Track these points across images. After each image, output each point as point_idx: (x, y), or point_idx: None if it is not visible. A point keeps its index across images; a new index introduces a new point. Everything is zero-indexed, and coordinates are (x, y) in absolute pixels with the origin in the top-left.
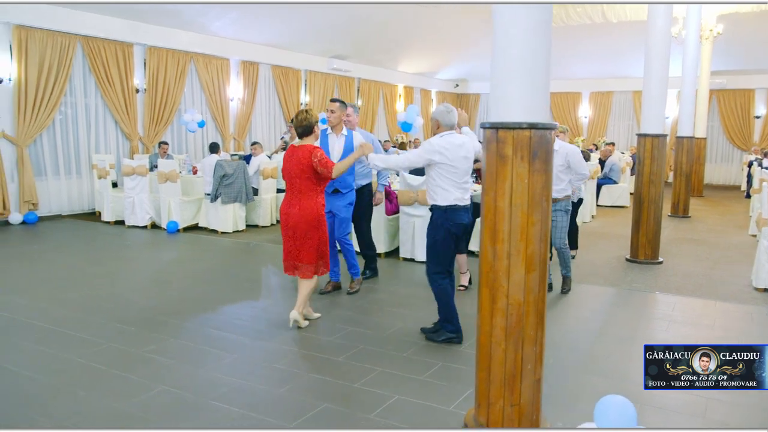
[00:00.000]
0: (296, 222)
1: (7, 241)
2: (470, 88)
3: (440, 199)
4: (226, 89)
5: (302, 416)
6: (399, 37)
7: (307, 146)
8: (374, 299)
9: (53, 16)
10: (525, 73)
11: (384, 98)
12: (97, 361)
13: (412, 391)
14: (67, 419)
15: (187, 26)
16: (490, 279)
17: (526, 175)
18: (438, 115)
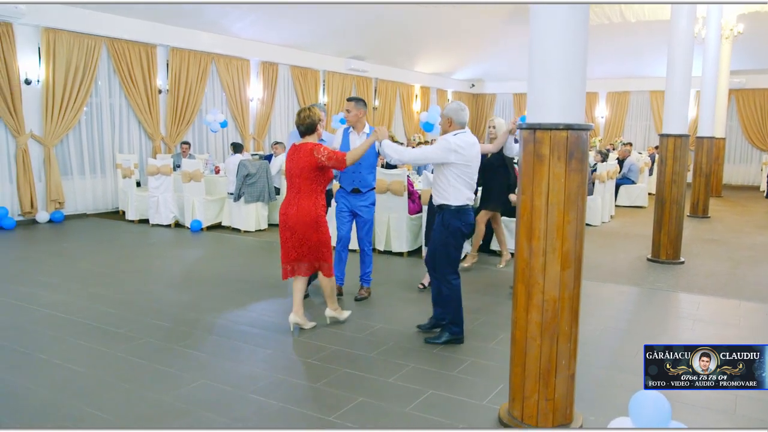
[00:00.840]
0: (294, 223)
1: (36, 239)
2: (486, 88)
3: (453, 199)
4: (246, 90)
5: (340, 409)
6: (416, 38)
7: (308, 144)
8: (400, 297)
9: (80, 19)
10: (562, 75)
11: (401, 98)
12: (136, 355)
13: (444, 386)
14: (114, 410)
15: (208, 27)
16: (526, 275)
17: (562, 174)
18: (451, 113)
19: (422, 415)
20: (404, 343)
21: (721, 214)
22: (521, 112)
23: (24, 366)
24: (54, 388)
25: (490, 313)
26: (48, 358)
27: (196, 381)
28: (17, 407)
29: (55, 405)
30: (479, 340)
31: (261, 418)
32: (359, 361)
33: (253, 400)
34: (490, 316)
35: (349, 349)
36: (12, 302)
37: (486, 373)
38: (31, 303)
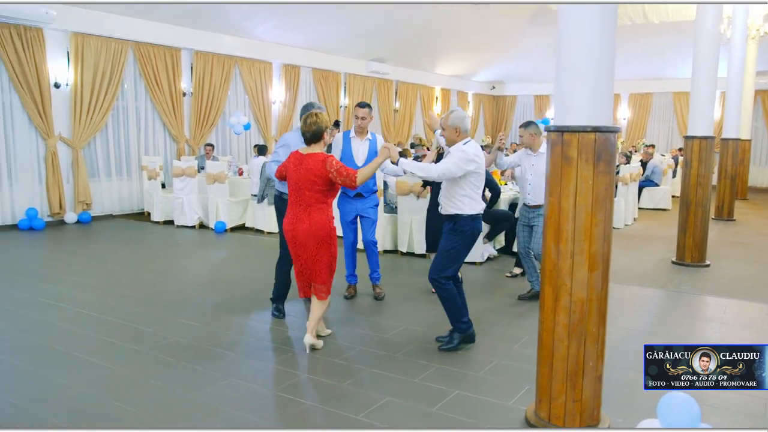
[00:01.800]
0: (305, 240)
1: (64, 240)
2: (507, 90)
3: (468, 209)
4: (268, 92)
5: (368, 408)
6: (437, 40)
7: (318, 155)
8: (424, 298)
9: (108, 23)
10: (590, 76)
11: (421, 100)
12: (165, 354)
13: (470, 386)
14: (145, 407)
15: (232, 31)
16: (554, 277)
17: (590, 176)
18: (458, 122)
19: (448, 415)
20: (428, 344)
21: (747, 217)
22: (542, 114)
23: (57, 363)
24: (87, 384)
25: (515, 314)
26: (80, 355)
27: (225, 380)
28: (53, 403)
29: (88, 401)
30: (504, 341)
31: (289, 417)
32: (385, 361)
33: (280, 399)
34: (514, 318)
35: (375, 350)
36: (44, 301)
37: (511, 374)
38: (61, 302)
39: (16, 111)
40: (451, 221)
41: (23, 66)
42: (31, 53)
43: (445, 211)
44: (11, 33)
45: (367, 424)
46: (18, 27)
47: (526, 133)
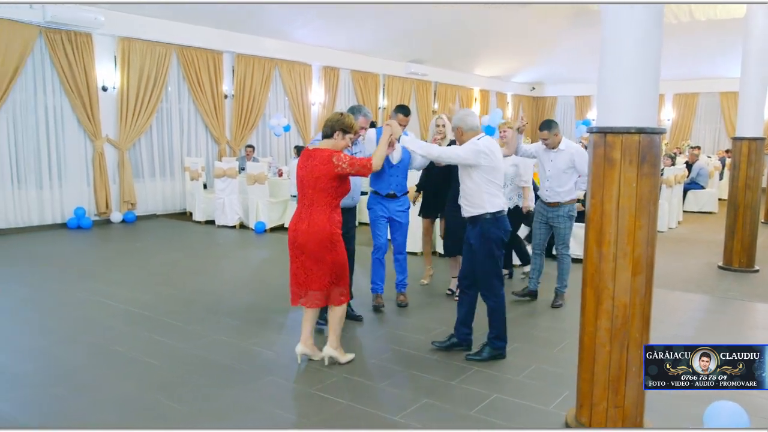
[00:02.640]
0: (304, 241)
1: (110, 239)
2: (547, 91)
3: (489, 206)
4: (308, 94)
5: (405, 410)
6: (476, 41)
7: (325, 150)
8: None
9: (153, 28)
10: (635, 77)
11: (460, 102)
12: (207, 351)
13: (509, 390)
14: (189, 403)
15: (273, 34)
16: (596, 280)
17: (634, 179)
18: (459, 122)
19: (487, 419)
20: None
21: None
22: (583, 115)
23: (104, 359)
24: (130, 379)
25: (554, 318)
26: (125, 351)
27: (264, 378)
28: (98, 397)
29: (133, 397)
30: (543, 345)
31: (326, 416)
32: (422, 362)
33: (318, 398)
34: (554, 321)
35: (412, 351)
36: (91, 298)
37: (551, 378)
38: (107, 299)
39: (66, 114)
40: (476, 224)
41: (73, 70)
42: (80, 58)
43: (467, 213)
44: (62, 39)
45: (404, 425)
46: (69, 33)
47: (551, 134)
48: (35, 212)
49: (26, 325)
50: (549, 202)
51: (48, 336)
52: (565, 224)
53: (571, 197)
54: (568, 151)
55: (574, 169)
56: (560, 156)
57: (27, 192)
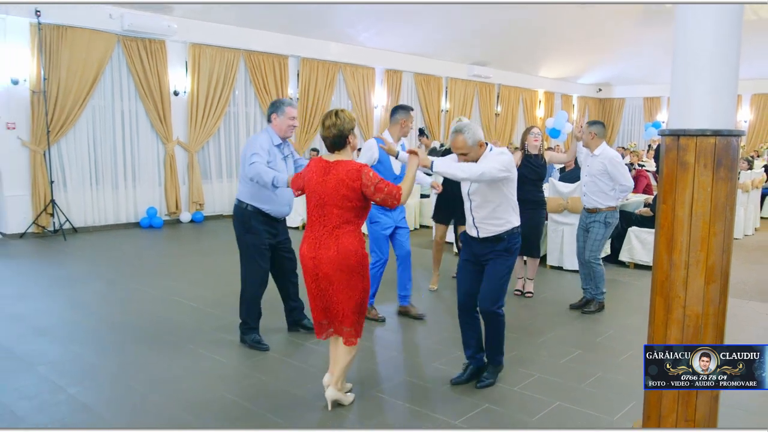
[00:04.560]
0: (332, 271)
1: (180, 238)
2: (614, 92)
3: (515, 220)
4: (371, 97)
5: (466, 414)
6: (541, 42)
7: (351, 163)
8: (526, 304)
9: (222, 34)
10: (711, 77)
11: (524, 104)
12: (271, 349)
13: (572, 398)
14: (253, 399)
15: (337, 38)
16: (666, 288)
17: (709, 183)
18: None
19: (549, 427)
20: (529, 353)
21: None
22: (652, 117)
23: (175, 354)
24: (199, 374)
25: (621, 326)
26: (195, 348)
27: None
28: (172, 392)
29: (200, 391)
30: (609, 354)
31: (387, 418)
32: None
33: (378, 399)
34: (620, 330)
35: None
36: (162, 295)
37: (616, 388)
38: (177, 296)
39: (140, 118)
40: (501, 240)
41: (147, 76)
42: (154, 64)
43: (491, 232)
44: (138, 46)
45: (465, 429)
46: (144, 40)
47: (586, 129)
48: (111, 212)
49: (101, 319)
50: (588, 207)
51: (122, 331)
52: (599, 230)
53: (608, 204)
54: (602, 156)
55: (608, 175)
56: (595, 161)
57: (104, 192)
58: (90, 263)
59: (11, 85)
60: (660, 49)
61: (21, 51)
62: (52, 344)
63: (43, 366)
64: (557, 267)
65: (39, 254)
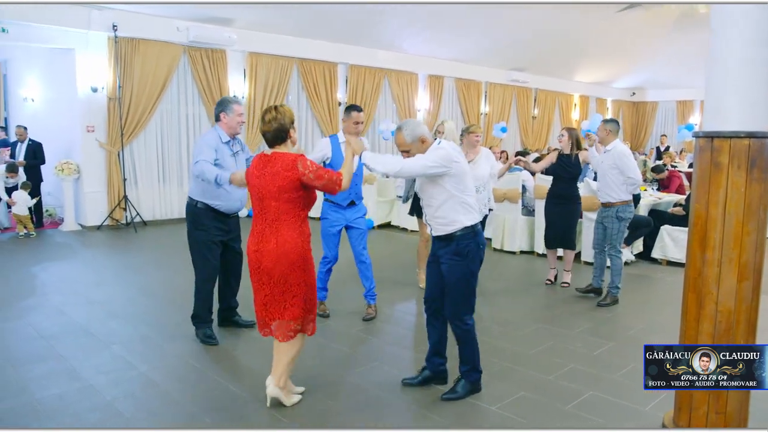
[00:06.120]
0: (273, 264)
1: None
2: (648, 96)
3: (466, 219)
4: (414, 101)
5: (502, 401)
6: (577, 48)
7: (287, 155)
8: (559, 299)
9: (278, 43)
10: (744, 79)
11: (560, 108)
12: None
13: (605, 388)
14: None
15: (383, 46)
16: (698, 285)
17: (742, 184)
18: (417, 131)
19: (582, 415)
20: (564, 344)
21: None
22: (685, 120)
23: (232, 336)
24: (254, 356)
25: (652, 320)
26: (250, 332)
27: (371, 363)
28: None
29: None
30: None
31: (427, 403)
32: (520, 357)
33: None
34: (652, 323)
35: (510, 345)
36: None
37: None
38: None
39: (203, 121)
40: (451, 242)
41: (209, 83)
42: (215, 71)
43: (439, 231)
44: (201, 55)
45: (500, 415)
46: (207, 50)
47: (602, 126)
48: (176, 206)
49: (167, 304)
50: (602, 202)
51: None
52: (614, 225)
53: (621, 198)
54: (613, 151)
55: (618, 170)
56: (608, 156)
57: (170, 189)
58: (157, 253)
59: (91, 93)
60: (694, 53)
61: (100, 62)
62: (124, 326)
63: (116, 345)
64: (591, 263)
65: (113, 245)
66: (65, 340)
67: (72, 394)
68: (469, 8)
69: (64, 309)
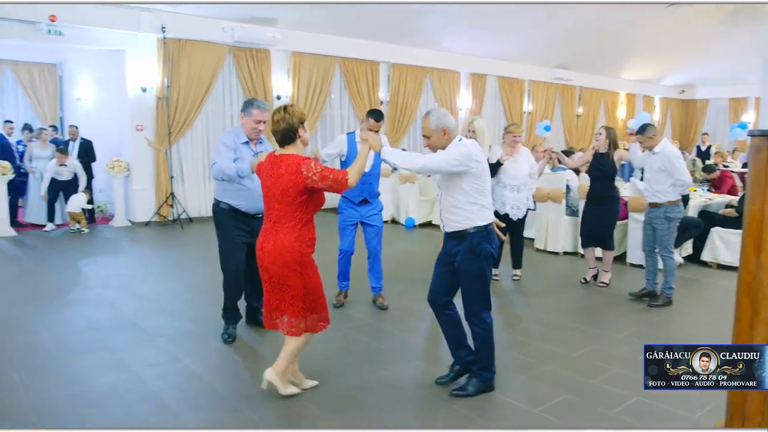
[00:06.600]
0: (270, 264)
1: None
2: (698, 93)
3: (479, 219)
4: (456, 100)
5: (544, 403)
6: (624, 45)
7: (292, 157)
8: (604, 301)
9: (320, 42)
10: None
11: (605, 106)
12: (359, 333)
13: (652, 394)
14: (339, 377)
15: (425, 44)
16: (753, 289)
17: None
18: (442, 121)
19: (627, 420)
20: (608, 348)
21: None
22: (737, 118)
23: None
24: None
25: (704, 324)
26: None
27: (411, 362)
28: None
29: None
30: None
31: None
32: (562, 359)
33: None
34: (703, 328)
35: (553, 347)
36: None
37: None
38: None
39: None
40: (464, 240)
41: (254, 82)
42: (259, 71)
43: (452, 227)
44: (246, 56)
45: (542, 418)
46: (251, 50)
47: (645, 138)
48: None
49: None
50: (649, 202)
51: None
52: (662, 226)
53: (668, 198)
54: (662, 153)
55: (666, 172)
56: (656, 158)
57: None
58: (203, 250)
59: (141, 93)
60: (748, 49)
61: (149, 62)
62: (170, 320)
63: (162, 339)
64: (638, 265)
65: (160, 241)
66: (115, 332)
67: (121, 384)
68: (513, 6)
69: (114, 302)
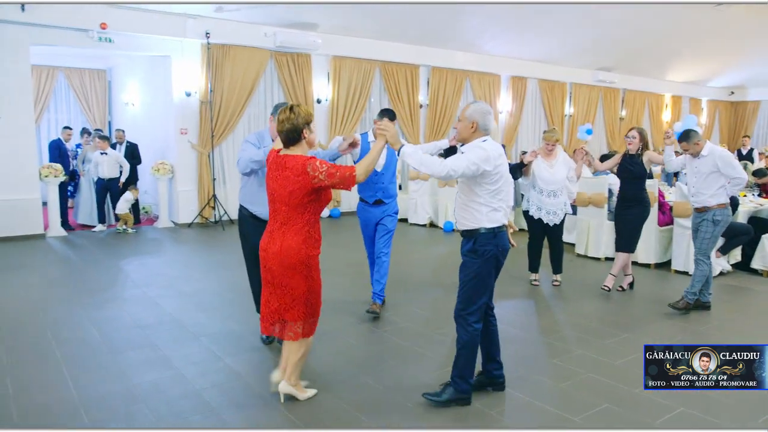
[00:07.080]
0: (275, 265)
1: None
2: (749, 95)
3: (487, 221)
4: (496, 103)
5: (586, 412)
6: (669, 46)
7: (297, 158)
8: (647, 309)
9: (360, 47)
10: None
11: (649, 108)
12: (398, 337)
13: (698, 405)
14: (380, 380)
15: (464, 48)
16: None
17: None
18: (477, 115)
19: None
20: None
21: None
22: None
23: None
24: (334, 354)
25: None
26: (328, 330)
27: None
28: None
29: (335, 370)
30: None
31: (507, 410)
32: (604, 367)
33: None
34: (746, 339)
35: (594, 354)
36: None
37: (749, 397)
38: None
39: None
40: (470, 239)
41: (295, 86)
42: (300, 75)
43: (462, 226)
44: (287, 60)
45: (583, 426)
46: (293, 55)
47: (690, 145)
48: None
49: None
50: (697, 207)
51: None
52: (707, 228)
53: (718, 201)
54: (711, 155)
55: (719, 173)
56: (704, 161)
57: None
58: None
59: (185, 97)
60: None
61: (193, 68)
62: (211, 319)
63: (205, 337)
64: (683, 272)
65: (202, 241)
66: (159, 330)
67: (165, 381)
68: (553, 7)
69: (159, 301)
